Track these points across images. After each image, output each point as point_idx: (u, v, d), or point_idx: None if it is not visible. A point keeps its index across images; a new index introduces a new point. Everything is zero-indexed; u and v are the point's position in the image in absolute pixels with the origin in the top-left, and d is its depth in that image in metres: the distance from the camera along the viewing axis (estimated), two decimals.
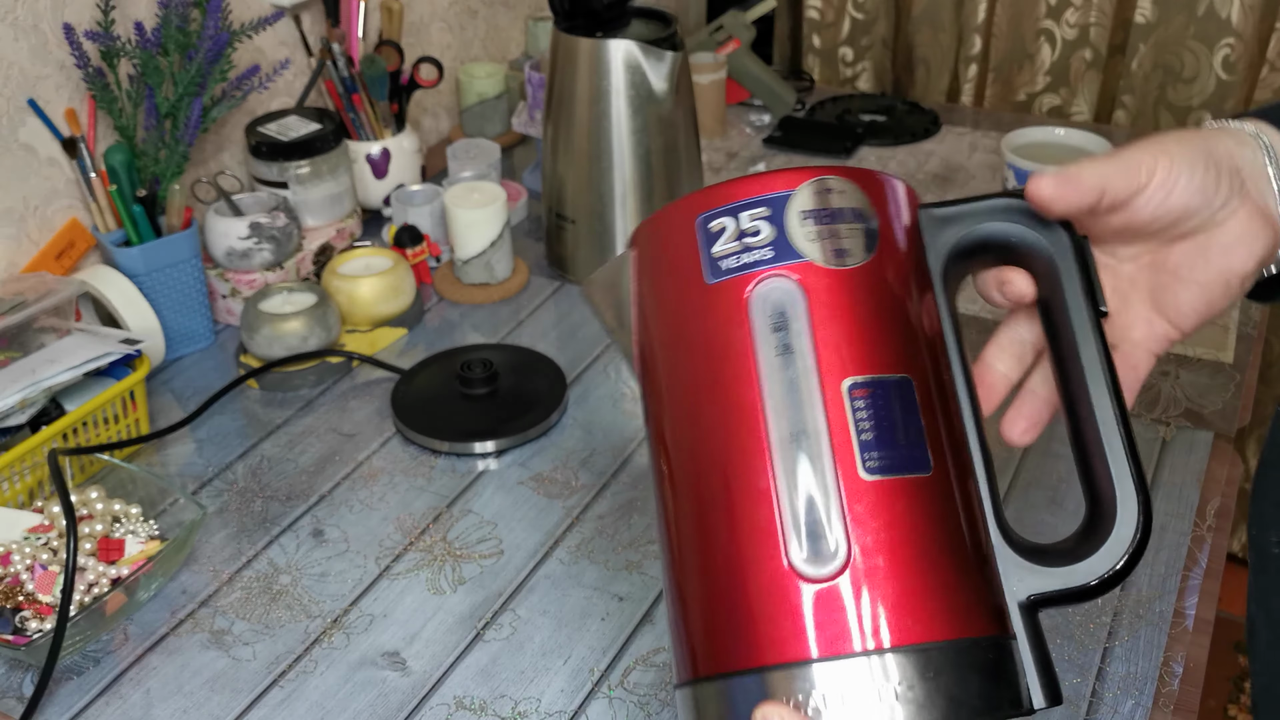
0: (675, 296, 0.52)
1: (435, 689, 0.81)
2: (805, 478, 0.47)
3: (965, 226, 0.54)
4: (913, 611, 0.45)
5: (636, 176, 1.22)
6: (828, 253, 0.50)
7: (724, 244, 0.50)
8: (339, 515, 0.97)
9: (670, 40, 1.19)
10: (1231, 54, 1.70)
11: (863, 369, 0.48)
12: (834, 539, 0.46)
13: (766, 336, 0.49)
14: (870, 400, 0.48)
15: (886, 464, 0.47)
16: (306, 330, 1.11)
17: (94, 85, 1.11)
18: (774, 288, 0.49)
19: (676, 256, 0.52)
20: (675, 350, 0.52)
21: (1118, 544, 0.49)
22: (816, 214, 0.50)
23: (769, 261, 0.49)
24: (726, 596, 0.47)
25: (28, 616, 0.84)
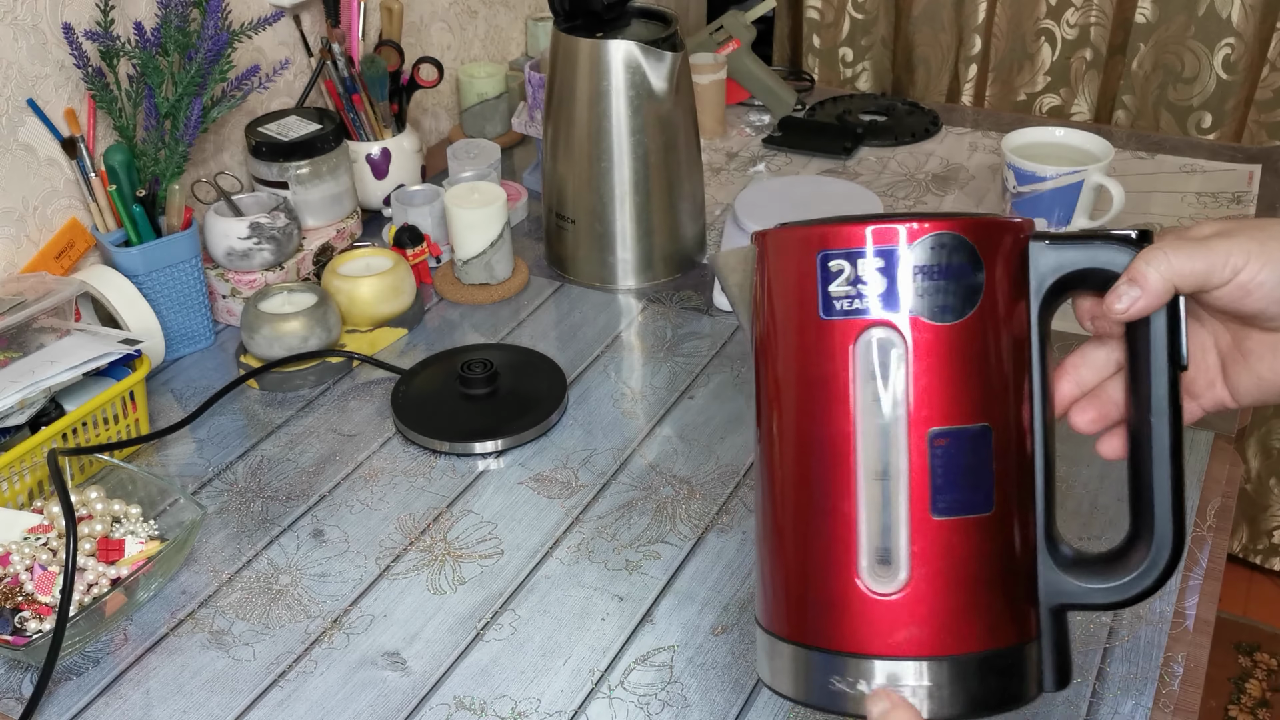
0: (793, 319, 0.58)
1: (435, 689, 0.81)
2: (882, 511, 0.55)
3: (1072, 262, 0.57)
4: (952, 629, 0.55)
5: (636, 176, 1.22)
6: (933, 309, 0.55)
7: (839, 285, 0.56)
8: (339, 515, 0.97)
9: (670, 40, 1.19)
10: (1232, 54, 1.70)
11: (947, 420, 0.55)
12: (899, 567, 0.55)
13: (866, 380, 0.55)
14: (948, 449, 0.55)
15: (953, 506, 0.55)
16: (306, 330, 1.11)
17: (94, 85, 1.11)
18: (879, 337, 0.55)
19: (797, 282, 0.57)
20: (789, 365, 0.58)
21: (1153, 568, 0.57)
22: (927, 270, 0.55)
23: (879, 310, 0.55)
24: (810, 586, 0.57)
25: (27, 617, 0.84)
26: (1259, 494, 2.01)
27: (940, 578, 0.55)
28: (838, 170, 1.52)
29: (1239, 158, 1.50)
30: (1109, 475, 0.98)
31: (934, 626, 0.55)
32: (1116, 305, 0.56)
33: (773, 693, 0.60)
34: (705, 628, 0.86)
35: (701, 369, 1.13)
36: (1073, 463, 0.99)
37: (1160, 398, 0.57)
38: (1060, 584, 0.58)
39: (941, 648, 0.55)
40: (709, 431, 1.05)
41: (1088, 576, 0.58)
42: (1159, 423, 0.57)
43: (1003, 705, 0.56)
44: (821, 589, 0.57)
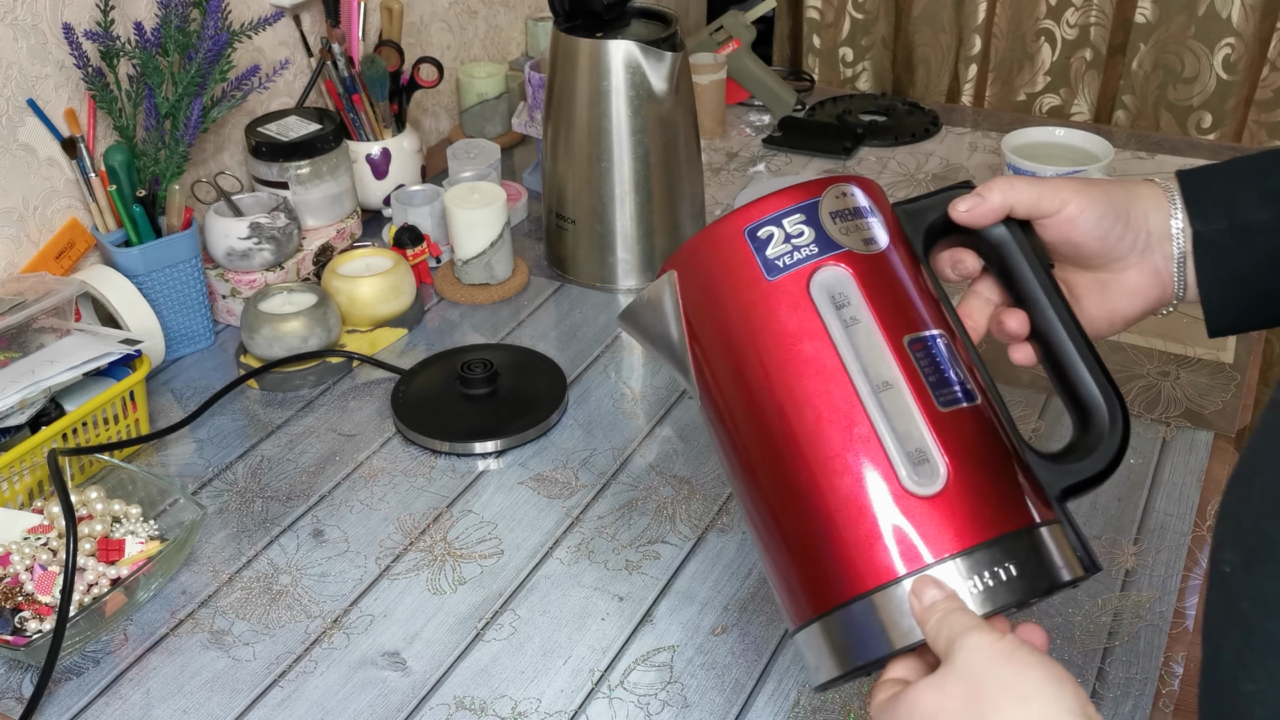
0: (738, 297, 0.62)
1: (435, 689, 0.81)
2: (900, 417, 0.58)
3: (929, 217, 0.65)
4: (1000, 509, 0.57)
5: (636, 177, 1.22)
6: (859, 242, 0.61)
7: (775, 247, 0.61)
8: (339, 515, 0.97)
9: (670, 40, 1.19)
10: (1232, 54, 1.70)
11: (912, 328, 0.60)
12: (935, 461, 0.57)
13: (833, 313, 0.60)
14: (925, 351, 0.60)
15: (952, 398, 0.59)
16: (306, 330, 1.11)
17: (94, 85, 1.11)
18: (829, 274, 0.60)
19: (730, 264, 0.62)
20: (748, 342, 0.61)
21: (1114, 435, 0.62)
22: (842, 213, 0.62)
23: (817, 255, 0.61)
24: (853, 529, 0.57)
25: (27, 617, 0.84)
26: None
27: (971, 464, 0.58)
28: (837, 170, 1.52)
29: None
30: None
31: (989, 508, 0.57)
32: (960, 207, 0.64)
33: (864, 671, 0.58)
34: (705, 628, 0.86)
35: None
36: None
37: (1044, 285, 0.64)
38: (1052, 472, 0.61)
39: (1002, 526, 0.57)
40: (709, 431, 1.05)
41: (1067, 461, 0.61)
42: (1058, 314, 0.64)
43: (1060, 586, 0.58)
44: (871, 517, 0.57)
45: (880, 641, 0.56)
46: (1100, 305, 0.68)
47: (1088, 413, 0.63)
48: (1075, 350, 0.63)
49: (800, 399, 0.59)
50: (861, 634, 0.57)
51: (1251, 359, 1.12)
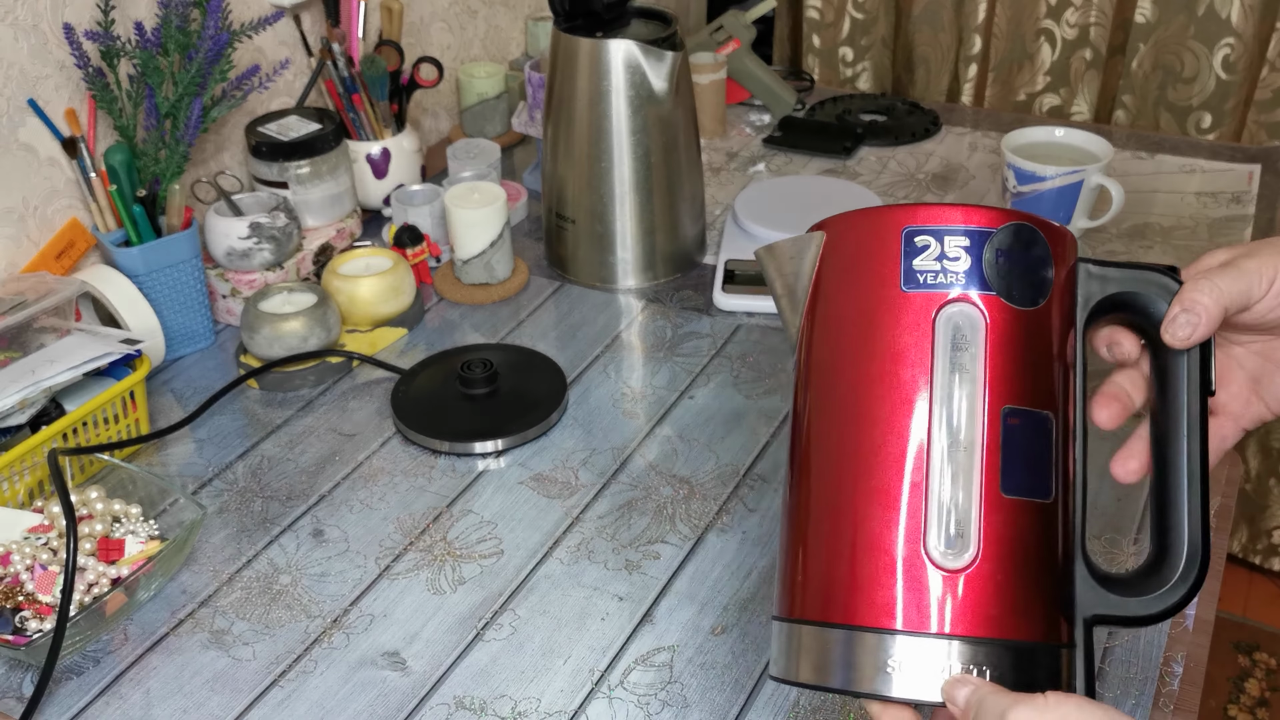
0: (868, 293, 0.59)
1: (435, 689, 0.81)
2: (957, 484, 0.55)
3: (1115, 286, 0.60)
4: (1013, 613, 0.55)
5: (636, 177, 1.22)
6: (1012, 291, 0.57)
7: (924, 259, 0.57)
8: (339, 515, 0.97)
9: (670, 40, 1.19)
10: (1232, 54, 1.70)
11: (1020, 400, 0.56)
12: (970, 541, 0.54)
13: (947, 353, 0.56)
14: (1020, 428, 0.56)
15: (1020, 487, 0.56)
16: (306, 330, 1.11)
17: (94, 85, 1.11)
18: (962, 312, 0.57)
19: (875, 258, 0.59)
20: (858, 340, 0.59)
21: (1180, 586, 0.59)
22: (1010, 255, 0.57)
23: (961, 287, 0.57)
24: (867, 559, 0.56)
25: (27, 616, 0.84)
26: (1259, 494, 2.01)
27: (1007, 558, 0.55)
28: (838, 170, 1.52)
29: (1239, 158, 1.50)
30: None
31: (998, 608, 0.55)
32: (1180, 333, 0.58)
33: (815, 689, 0.58)
34: (705, 628, 0.86)
35: (701, 369, 1.13)
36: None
37: (1193, 420, 0.59)
38: (1094, 595, 0.58)
39: (1003, 631, 0.55)
40: (709, 431, 1.05)
41: (1119, 591, 0.59)
42: (1191, 447, 0.59)
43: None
44: (884, 562, 0.55)
45: (838, 674, 0.56)
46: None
47: (1169, 556, 0.60)
48: (1189, 493, 0.60)
49: (876, 417, 0.57)
50: (827, 658, 0.56)
51: None
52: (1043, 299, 0.58)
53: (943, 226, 0.57)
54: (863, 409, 0.58)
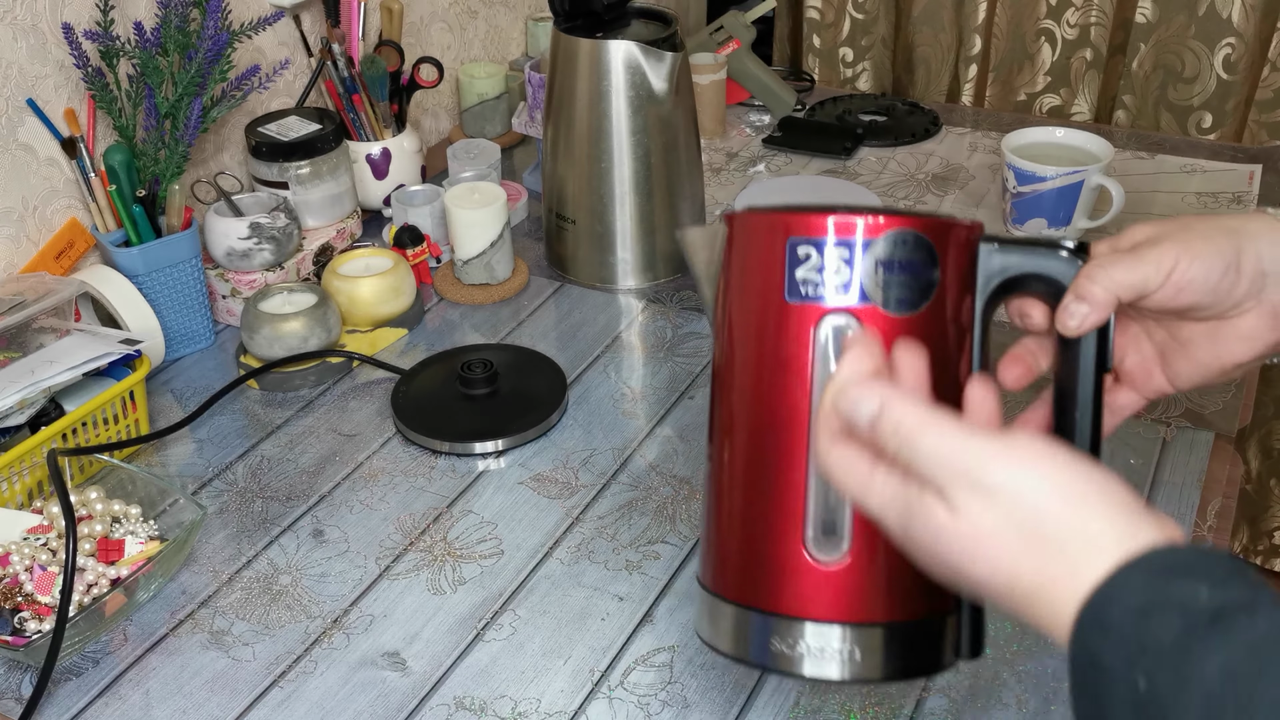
0: (758, 298, 0.61)
1: (435, 689, 0.81)
2: (831, 488, 0.57)
3: (1017, 266, 0.61)
4: (885, 599, 0.59)
5: (636, 177, 1.22)
6: (890, 300, 0.58)
7: (805, 270, 0.59)
8: (339, 515, 0.97)
9: (670, 40, 1.19)
10: (1232, 54, 1.70)
11: None
12: (842, 538, 0.58)
13: (825, 363, 0.58)
14: None
15: None
16: (306, 331, 1.11)
17: (93, 85, 1.11)
18: (840, 324, 0.58)
19: (764, 264, 0.60)
20: (749, 343, 0.61)
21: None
22: (887, 264, 0.58)
23: (841, 298, 0.58)
24: (757, 553, 0.60)
25: (27, 617, 0.84)
26: (1259, 494, 2.01)
27: (879, 551, 0.59)
28: (838, 170, 1.52)
29: (1239, 158, 1.50)
30: None
31: (869, 595, 0.59)
32: (1070, 323, 0.60)
33: (711, 650, 0.63)
34: None
35: (702, 369, 1.13)
36: None
37: (1086, 397, 0.61)
38: None
39: (873, 615, 0.59)
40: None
41: None
42: (1083, 419, 0.61)
43: (923, 671, 0.62)
44: (768, 555, 0.60)
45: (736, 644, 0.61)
46: (1210, 353, 0.63)
47: None
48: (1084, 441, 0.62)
49: (763, 423, 0.60)
50: (725, 627, 0.62)
51: None
52: (925, 301, 0.59)
53: (822, 238, 0.58)
54: (753, 412, 0.61)
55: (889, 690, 0.80)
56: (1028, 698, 0.79)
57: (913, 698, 0.79)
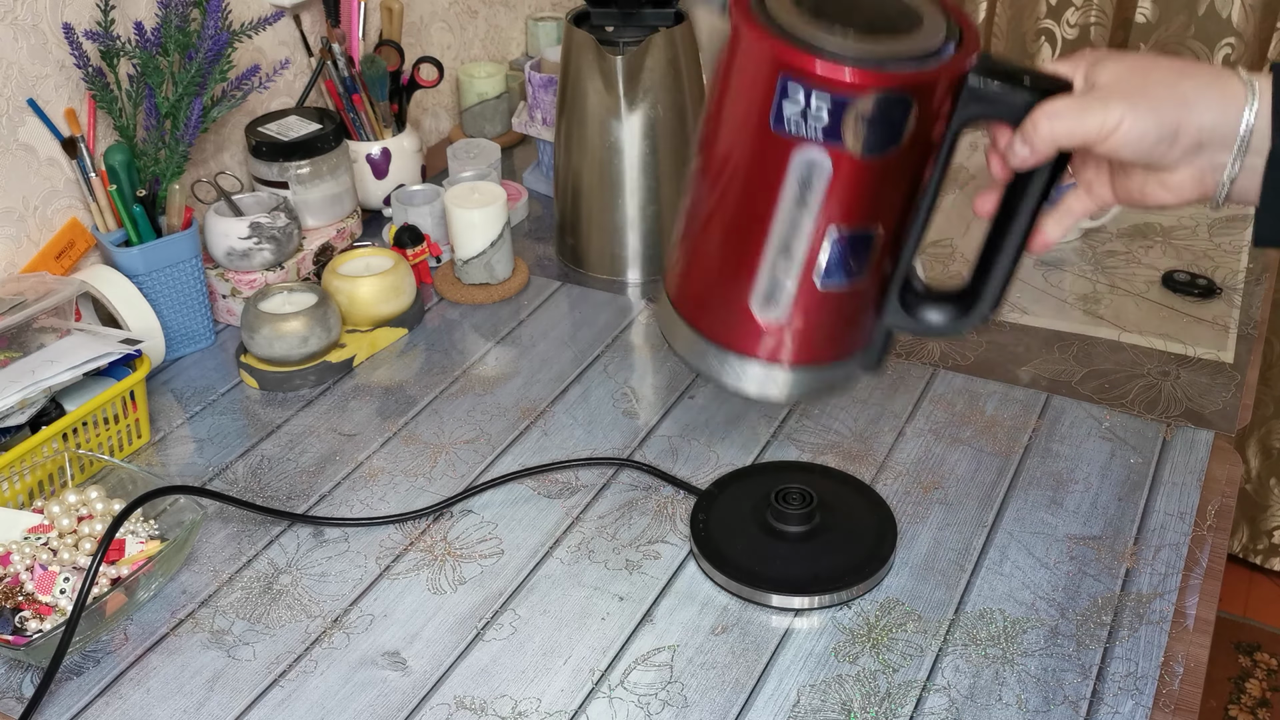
0: (745, 113, 0.67)
1: (435, 689, 0.81)
2: (779, 275, 0.71)
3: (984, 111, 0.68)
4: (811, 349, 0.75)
5: (647, 168, 1.22)
6: (859, 146, 0.65)
7: (791, 107, 0.65)
8: (339, 515, 0.97)
9: (681, 31, 1.20)
10: (1232, 54, 1.70)
11: (847, 223, 0.69)
12: (782, 310, 0.72)
13: (794, 187, 0.68)
14: (842, 245, 0.70)
15: (835, 282, 0.71)
16: (306, 330, 1.11)
17: (94, 85, 1.11)
18: (811, 158, 0.66)
19: (757, 84, 0.66)
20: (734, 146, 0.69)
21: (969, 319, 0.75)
22: (866, 119, 0.64)
23: (816, 139, 0.65)
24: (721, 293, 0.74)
25: (27, 616, 0.84)
26: (1259, 494, 2.01)
27: (809, 319, 0.73)
28: None
29: None
30: (1109, 473, 0.98)
31: (797, 346, 0.74)
32: (1012, 161, 0.67)
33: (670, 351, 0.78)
34: (705, 628, 0.86)
35: None
36: (1074, 461, 0.99)
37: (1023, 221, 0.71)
38: (898, 319, 0.76)
39: (799, 359, 0.75)
40: (709, 431, 1.05)
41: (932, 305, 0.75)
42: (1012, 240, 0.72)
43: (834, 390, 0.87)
44: (727, 301, 0.73)
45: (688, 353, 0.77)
46: (1140, 190, 0.69)
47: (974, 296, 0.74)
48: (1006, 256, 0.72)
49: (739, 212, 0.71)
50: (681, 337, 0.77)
51: (1251, 359, 1.12)
52: (894, 146, 0.66)
53: (812, 83, 0.64)
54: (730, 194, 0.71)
55: (889, 690, 0.80)
56: (1028, 698, 0.79)
57: (912, 697, 0.79)
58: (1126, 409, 1.05)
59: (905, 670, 0.81)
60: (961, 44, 0.67)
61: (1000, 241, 0.72)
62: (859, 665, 0.82)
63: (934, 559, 0.90)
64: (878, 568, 0.88)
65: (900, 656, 0.82)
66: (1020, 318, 1.19)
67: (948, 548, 0.91)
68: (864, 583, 0.87)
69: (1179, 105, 0.63)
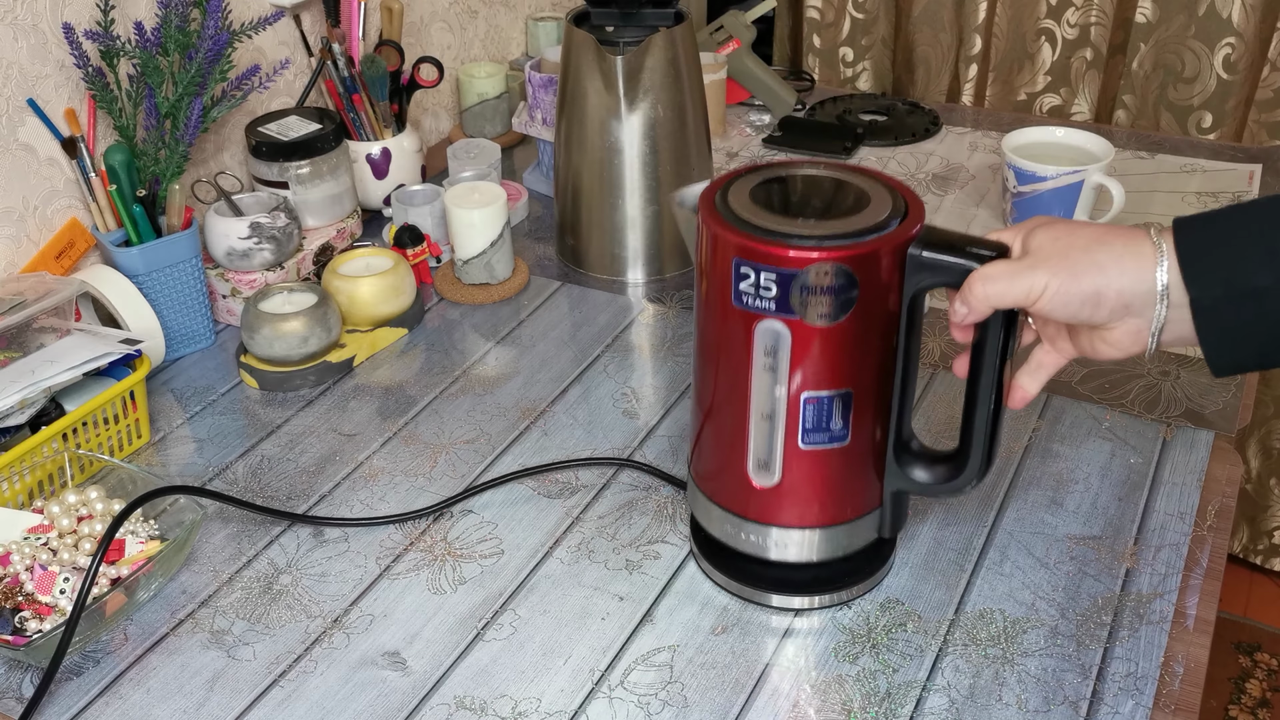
0: (715, 290, 0.76)
1: (435, 689, 0.81)
2: (766, 440, 0.79)
3: (932, 278, 0.74)
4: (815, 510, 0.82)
5: (647, 168, 1.22)
6: (812, 316, 0.73)
7: (746, 286, 0.74)
8: (339, 515, 0.97)
9: (682, 31, 1.20)
10: (1232, 54, 1.70)
11: (818, 388, 0.76)
12: (774, 472, 0.80)
13: (761, 356, 0.76)
14: (817, 406, 0.77)
15: (818, 440, 0.78)
16: (306, 330, 1.11)
17: (94, 85, 1.11)
18: (772, 328, 0.75)
19: (718, 268, 0.75)
20: (711, 319, 0.78)
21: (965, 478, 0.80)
22: (813, 289, 0.72)
23: (772, 311, 0.74)
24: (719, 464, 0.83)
25: (27, 617, 0.84)
26: (1259, 494, 2.01)
27: (804, 480, 0.80)
28: None
29: (1239, 157, 1.50)
30: (1109, 473, 0.98)
31: (800, 509, 0.81)
32: (953, 318, 0.73)
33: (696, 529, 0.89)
34: (705, 628, 0.86)
35: None
36: (1074, 461, 0.99)
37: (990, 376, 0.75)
38: (899, 480, 0.81)
39: (807, 522, 0.82)
40: None
41: (926, 467, 0.81)
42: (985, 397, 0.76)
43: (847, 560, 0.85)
44: (727, 471, 0.82)
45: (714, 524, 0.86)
46: (1088, 344, 0.73)
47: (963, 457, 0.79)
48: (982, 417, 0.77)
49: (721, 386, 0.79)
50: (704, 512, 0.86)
51: None
52: (845, 314, 0.73)
53: (760, 263, 0.72)
54: (719, 374, 0.79)
55: (889, 690, 0.80)
56: (1028, 698, 0.79)
57: (912, 697, 0.79)
58: (1126, 409, 1.05)
59: (905, 670, 0.81)
60: (906, 218, 0.74)
61: (975, 400, 0.77)
62: (859, 665, 0.82)
63: (934, 559, 0.90)
64: (878, 567, 0.88)
65: (900, 656, 0.82)
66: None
67: (948, 547, 0.91)
68: (864, 582, 0.87)
69: (1097, 272, 0.68)
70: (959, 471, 0.80)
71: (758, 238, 0.72)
